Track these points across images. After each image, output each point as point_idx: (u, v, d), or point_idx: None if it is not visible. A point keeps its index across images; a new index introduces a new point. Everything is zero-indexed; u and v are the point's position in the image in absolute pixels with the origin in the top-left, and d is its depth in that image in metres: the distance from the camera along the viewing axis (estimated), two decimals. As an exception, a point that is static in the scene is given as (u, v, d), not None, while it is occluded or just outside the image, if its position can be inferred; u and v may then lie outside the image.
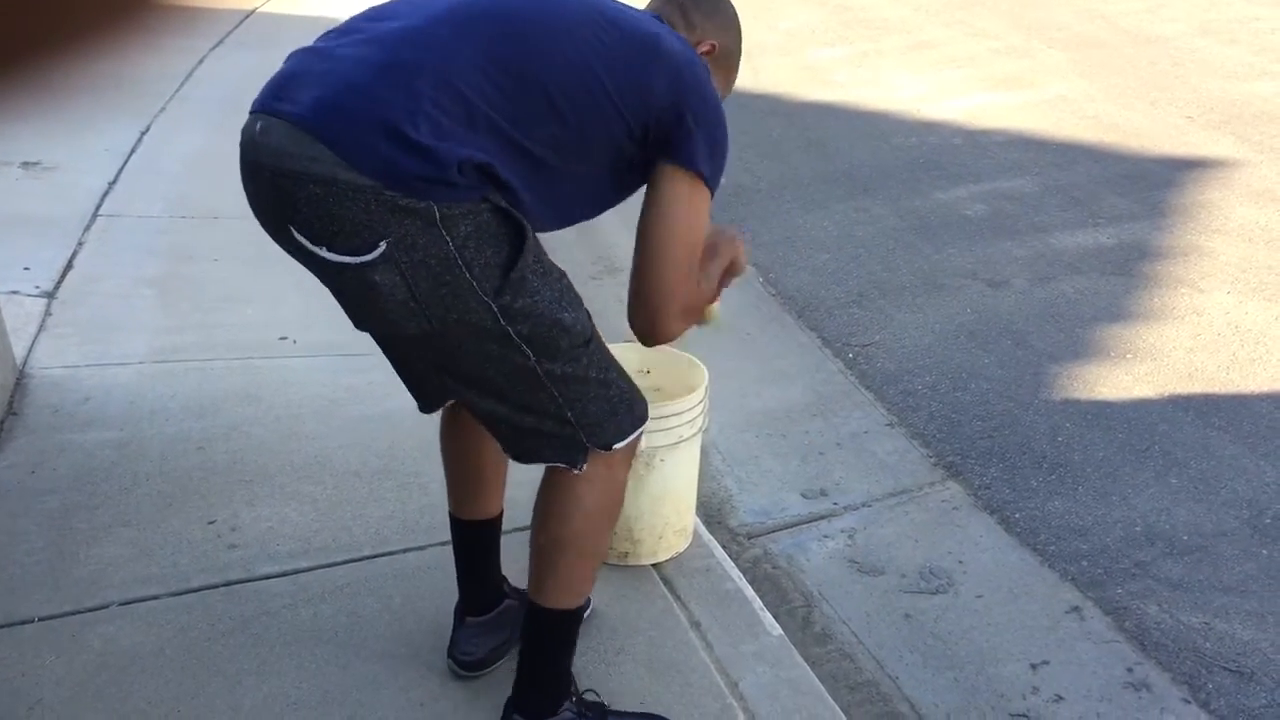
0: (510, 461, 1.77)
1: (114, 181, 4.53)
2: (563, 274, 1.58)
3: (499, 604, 2.05)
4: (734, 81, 1.84)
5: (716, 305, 2.03)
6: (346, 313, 1.58)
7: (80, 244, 3.89)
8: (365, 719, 1.91)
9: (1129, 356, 3.66)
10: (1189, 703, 2.27)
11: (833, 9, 9.06)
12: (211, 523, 2.42)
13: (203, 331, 3.32)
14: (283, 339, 3.27)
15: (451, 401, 1.85)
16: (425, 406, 1.84)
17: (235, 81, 6.08)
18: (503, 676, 2.02)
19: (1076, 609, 2.54)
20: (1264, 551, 2.72)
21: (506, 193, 1.45)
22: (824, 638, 2.45)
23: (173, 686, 1.95)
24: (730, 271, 1.79)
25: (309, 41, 1.55)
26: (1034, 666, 2.37)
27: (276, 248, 1.52)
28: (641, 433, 1.71)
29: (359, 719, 1.91)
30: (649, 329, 1.63)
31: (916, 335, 3.87)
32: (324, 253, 1.43)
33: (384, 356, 1.78)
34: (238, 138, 1.47)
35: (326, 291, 1.55)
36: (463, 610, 2.03)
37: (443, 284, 1.43)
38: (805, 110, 6.46)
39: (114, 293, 3.54)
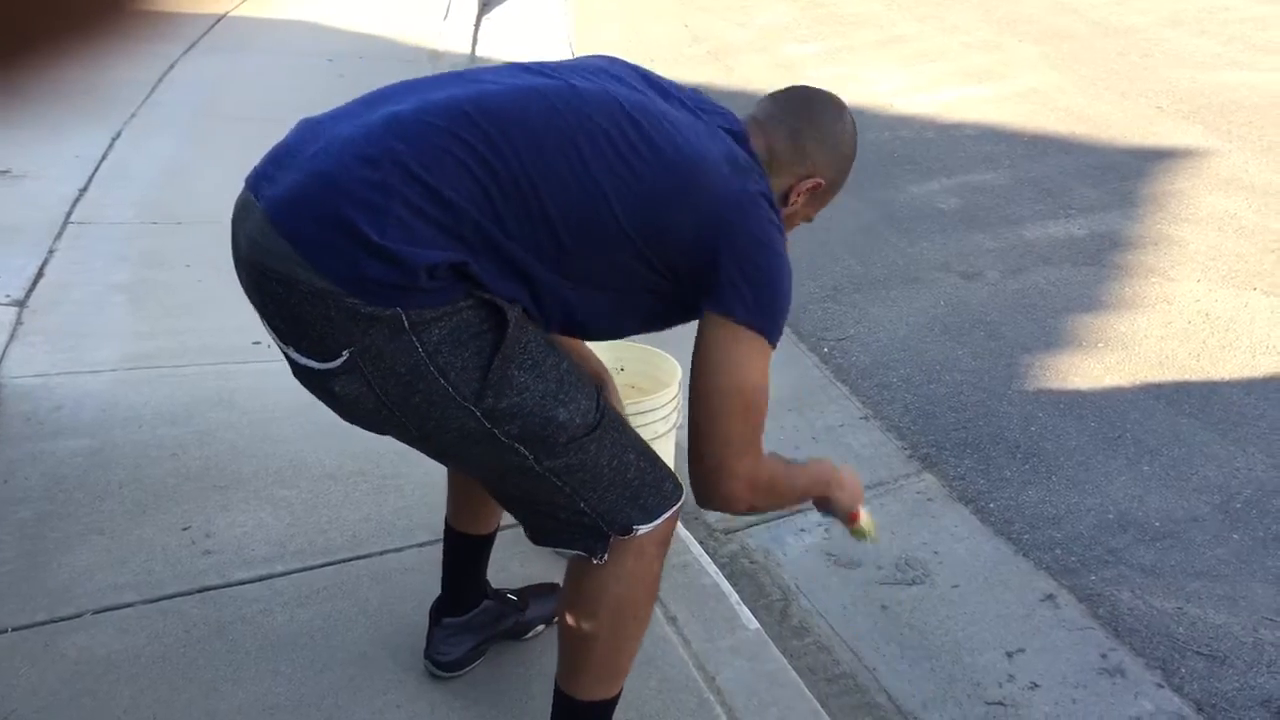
0: None
1: (85, 188, 4.50)
2: (560, 359, 1.42)
3: (477, 605, 2.05)
4: (826, 204, 1.66)
5: (866, 518, 1.97)
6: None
7: (51, 252, 3.86)
8: (342, 722, 1.91)
9: (1100, 346, 3.69)
10: (1162, 687, 2.30)
11: (805, 5, 9.07)
12: (186, 529, 2.41)
13: (175, 337, 3.31)
14: (256, 343, 3.25)
15: None
16: None
17: (207, 87, 6.05)
18: (480, 677, 2.03)
19: (1051, 597, 2.56)
20: (1235, 536, 2.75)
21: (487, 290, 1.32)
22: (801, 631, 2.46)
23: (148, 694, 1.94)
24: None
25: (278, 46, 1.52)
26: (1010, 654, 2.39)
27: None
28: (675, 513, 1.55)
29: (336, 722, 1.91)
30: (708, 488, 1.47)
31: (891, 328, 3.89)
32: (291, 353, 1.36)
33: None
34: (209, 143, 1.43)
35: None
36: (440, 610, 2.03)
37: (415, 391, 1.32)
38: (779, 106, 6.47)
39: (85, 300, 3.51)
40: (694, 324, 1.47)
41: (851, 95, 6.60)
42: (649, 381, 2.40)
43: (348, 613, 2.18)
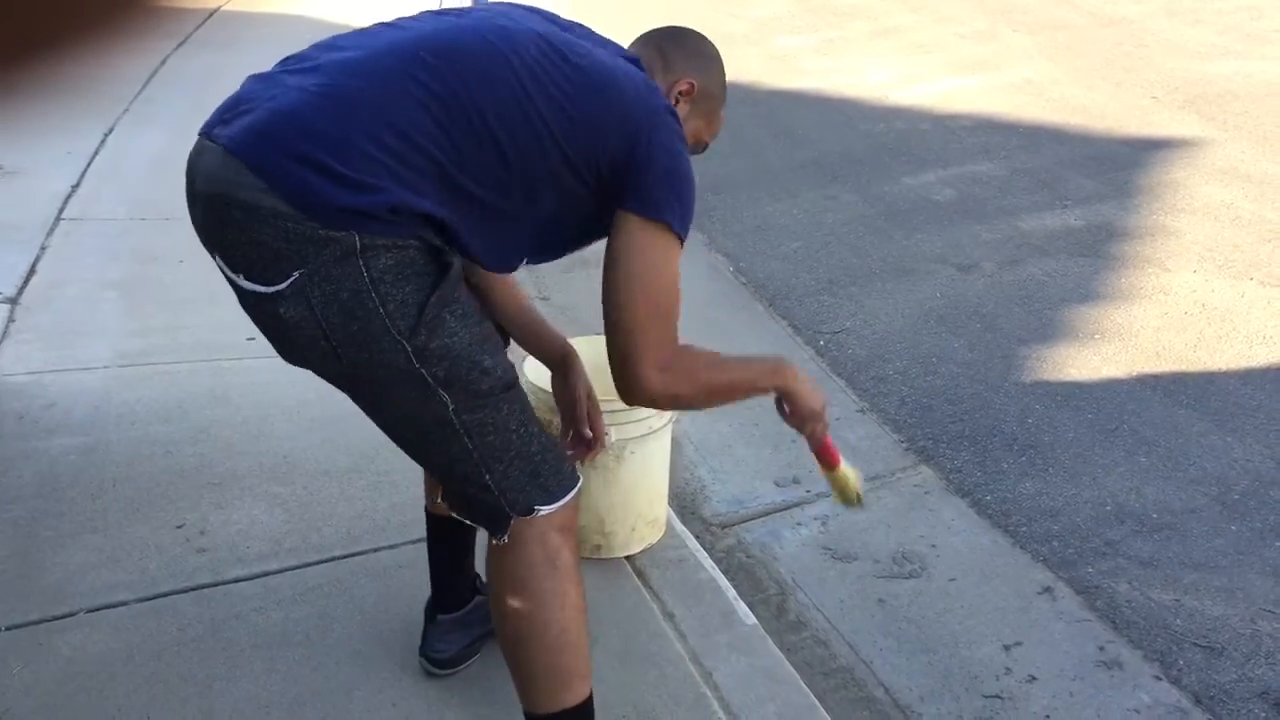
0: None
1: (77, 185, 4.48)
2: (484, 321, 1.51)
3: (470, 600, 2.04)
4: (718, 126, 1.78)
5: (849, 473, 1.92)
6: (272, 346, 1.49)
7: (43, 248, 3.84)
8: (338, 720, 1.91)
9: (1097, 337, 3.69)
10: (1160, 679, 2.29)
11: (800, -3, 9.06)
12: (180, 526, 2.40)
13: (169, 334, 3.29)
14: (250, 340, 3.23)
15: None
16: None
17: (199, 81, 6.03)
18: (475, 674, 2.02)
19: (1048, 589, 2.56)
20: (1232, 527, 2.74)
21: (444, 235, 1.40)
22: (798, 625, 2.46)
23: (142, 692, 1.93)
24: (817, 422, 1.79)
25: (271, 40, 1.54)
26: (1007, 648, 2.38)
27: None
28: (572, 498, 1.58)
29: (332, 720, 1.90)
30: (627, 384, 1.50)
31: (887, 321, 3.88)
32: (241, 280, 1.40)
33: None
34: None
35: None
36: (434, 607, 2.02)
37: (354, 319, 1.36)
38: (774, 98, 6.46)
39: (78, 297, 3.50)
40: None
41: (846, 87, 6.61)
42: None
43: (343, 610, 2.17)
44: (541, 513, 1.54)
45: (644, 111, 1.50)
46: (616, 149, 1.48)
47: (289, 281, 1.34)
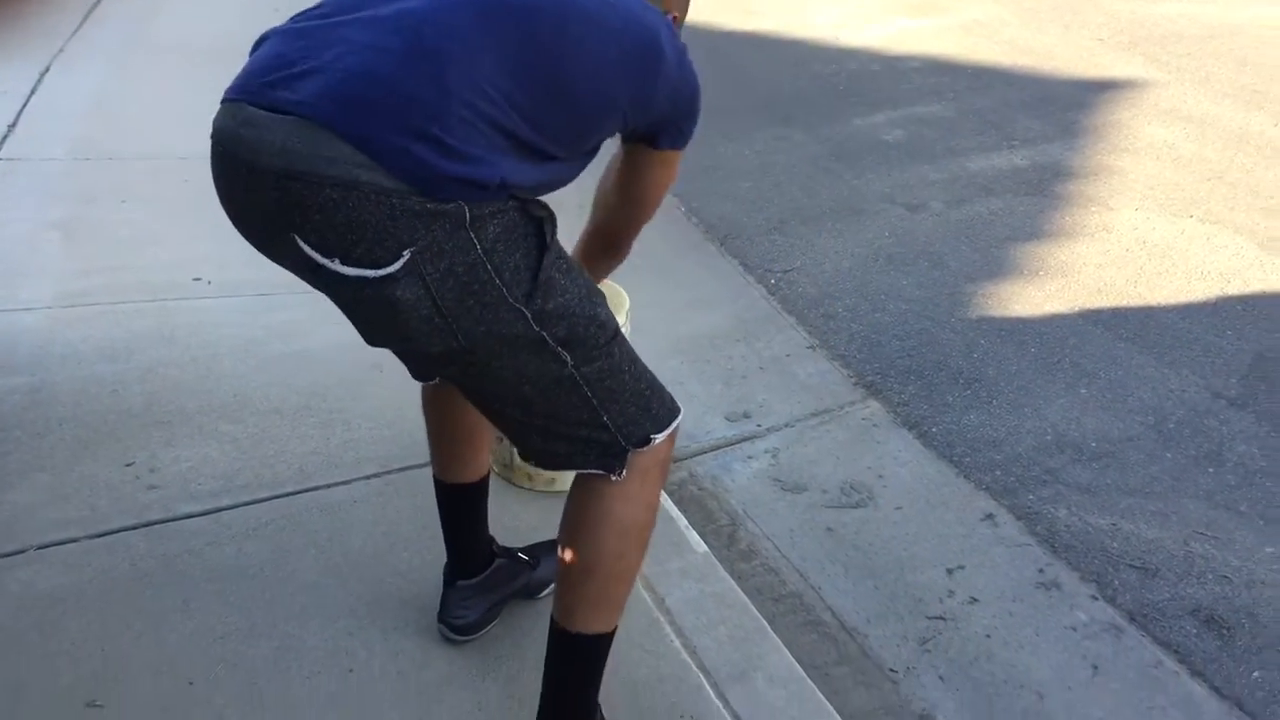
0: None
1: (13, 125, 4.36)
2: (581, 267, 1.49)
3: (490, 565, 2.00)
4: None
5: None
6: (357, 329, 1.42)
7: (-21, 190, 3.75)
8: (294, 649, 1.92)
9: (1041, 274, 3.75)
10: (1096, 599, 2.38)
11: (751, -63, 8.98)
12: (129, 464, 2.38)
13: (112, 274, 3.24)
14: (196, 280, 3.20)
15: None
16: (420, 377, 1.76)
17: (136, 20, 5.86)
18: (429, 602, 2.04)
19: (990, 516, 2.63)
20: (1168, 455, 2.83)
21: (527, 195, 1.38)
22: (749, 554, 2.51)
23: (95, 627, 1.93)
24: None
25: None
26: (950, 571, 2.45)
27: (187, 189, 1.43)
28: (675, 430, 1.60)
29: (288, 649, 1.92)
30: (628, 245, 1.81)
31: (836, 260, 3.92)
32: (336, 265, 1.27)
33: (305, 295, 1.63)
34: (141, 76, 1.37)
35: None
36: (453, 573, 1.98)
37: (470, 294, 1.30)
38: (725, 40, 6.42)
39: (18, 238, 3.43)
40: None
41: (797, 28, 6.59)
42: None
43: (297, 544, 2.18)
44: (656, 440, 1.55)
45: (680, 74, 1.49)
46: (661, 112, 1.51)
47: (401, 262, 1.25)
